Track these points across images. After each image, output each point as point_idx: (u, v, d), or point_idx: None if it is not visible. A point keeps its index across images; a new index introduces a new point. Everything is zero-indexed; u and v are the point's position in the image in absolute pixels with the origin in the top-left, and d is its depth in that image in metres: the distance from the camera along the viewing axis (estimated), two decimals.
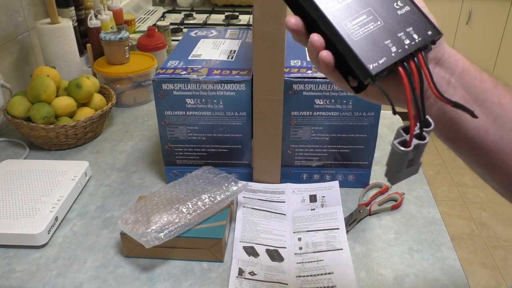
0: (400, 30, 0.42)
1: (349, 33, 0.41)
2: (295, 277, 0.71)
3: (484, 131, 0.44)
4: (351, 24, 0.41)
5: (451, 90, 0.44)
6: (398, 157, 0.42)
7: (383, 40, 0.41)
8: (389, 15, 0.42)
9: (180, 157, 0.90)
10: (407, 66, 0.41)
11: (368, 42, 0.41)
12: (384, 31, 0.41)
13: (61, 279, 0.72)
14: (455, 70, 0.44)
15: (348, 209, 0.86)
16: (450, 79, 0.44)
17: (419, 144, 0.42)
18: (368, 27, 0.42)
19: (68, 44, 1.21)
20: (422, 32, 0.42)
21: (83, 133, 1.05)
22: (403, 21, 0.42)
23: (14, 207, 0.81)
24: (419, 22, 0.42)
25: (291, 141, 0.87)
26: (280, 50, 0.77)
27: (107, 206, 0.88)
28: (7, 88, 1.14)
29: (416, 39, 0.41)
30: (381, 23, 0.42)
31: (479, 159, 0.47)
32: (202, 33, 1.05)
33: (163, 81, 0.82)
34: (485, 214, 2.32)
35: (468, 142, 0.46)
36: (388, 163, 0.43)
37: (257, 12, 0.75)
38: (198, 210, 0.75)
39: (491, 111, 0.44)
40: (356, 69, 0.41)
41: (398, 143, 0.42)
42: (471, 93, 0.44)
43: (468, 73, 0.44)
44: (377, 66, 0.40)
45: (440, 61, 0.44)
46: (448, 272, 0.73)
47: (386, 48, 0.41)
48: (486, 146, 0.45)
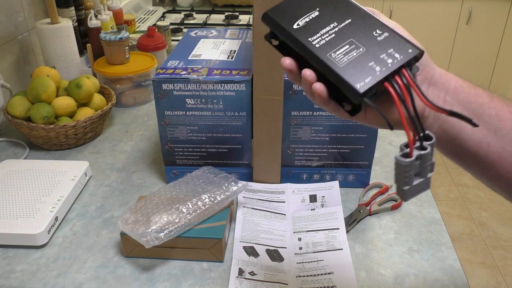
0: (381, 52, 0.44)
1: (335, 62, 0.45)
2: (295, 277, 0.71)
3: (486, 144, 0.45)
4: (335, 54, 0.45)
5: (448, 107, 0.45)
6: (402, 169, 0.43)
7: (367, 62, 0.44)
8: (369, 41, 0.45)
9: (180, 157, 0.90)
10: (393, 82, 0.43)
11: (354, 67, 0.44)
12: (367, 55, 0.45)
13: (61, 279, 0.72)
14: (448, 88, 0.46)
15: (348, 209, 0.86)
16: (445, 97, 0.46)
17: (421, 154, 0.42)
18: (351, 54, 0.45)
19: (68, 44, 1.21)
20: (403, 51, 0.44)
21: (83, 133, 1.05)
22: (384, 44, 0.45)
23: (14, 207, 0.81)
24: (399, 43, 0.45)
25: (291, 141, 0.87)
26: None
27: (107, 206, 0.88)
28: (7, 88, 1.14)
29: (398, 57, 0.44)
30: (363, 49, 0.45)
31: (486, 171, 0.47)
32: (202, 33, 1.05)
33: (163, 81, 0.82)
34: (485, 214, 2.32)
35: (472, 156, 0.46)
36: (396, 179, 0.44)
37: (257, 12, 0.75)
38: (198, 210, 0.75)
39: (490, 123, 0.45)
40: (346, 91, 0.44)
41: (401, 156, 0.43)
42: (468, 108, 0.45)
43: (462, 90, 0.46)
44: (364, 85, 0.43)
45: (432, 81, 0.46)
46: (448, 272, 0.73)
47: (370, 69, 0.44)
48: (490, 159, 0.46)
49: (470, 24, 2.80)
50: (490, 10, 2.74)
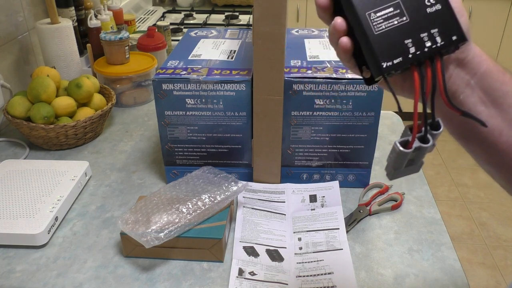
0: (424, 30, 0.40)
1: (371, 26, 0.40)
2: (295, 277, 0.71)
3: (498, 132, 0.44)
4: (375, 16, 0.40)
5: (469, 91, 0.44)
6: (397, 156, 0.42)
7: (404, 38, 0.40)
8: (417, 11, 0.40)
9: (180, 157, 0.90)
10: (422, 70, 0.40)
11: (388, 38, 0.40)
12: (407, 29, 0.40)
13: (61, 279, 0.72)
14: (477, 72, 0.44)
15: (348, 209, 0.86)
16: (470, 80, 0.44)
17: (420, 146, 0.41)
18: (392, 22, 0.40)
19: (68, 44, 1.21)
20: (447, 36, 0.40)
21: (83, 133, 1.05)
22: (430, 20, 0.40)
23: (14, 207, 0.81)
24: (446, 24, 0.40)
25: (291, 141, 0.87)
26: (280, 50, 0.77)
27: (107, 206, 0.88)
28: (7, 88, 1.14)
29: (438, 42, 0.40)
30: (406, 19, 0.40)
31: (491, 158, 0.47)
32: (202, 33, 1.05)
33: (163, 81, 0.82)
34: (485, 214, 2.32)
35: (481, 142, 0.46)
36: (388, 159, 0.43)
37: (257, 12, 0.75)
38: (198, 210, 0.75)
39: (508, 113, 0.44)
40: (369, 63, 0.41)
41: (399, 143, 0.41)
42: (489, 95, 0.44)
43: (490, 75, 0.44)
44: (391, 66, 0.40)
45: (463, 62, 0.44)
46: (448, 272, 0.73)
47: (405, 47, 0.40)
48: (499, 147, 0.45)
49: (470, 24, 2.80)
50: (490, 10, 2.74)
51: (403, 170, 0.43)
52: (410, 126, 0.42)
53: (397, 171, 0.43)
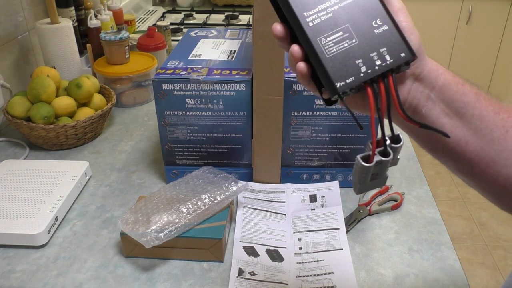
0: (373, 50, 0.42)
1: (323, 50, 0.42)
2: (295, 277, 0.71)
3: (464, 142, 0.45)
4: (326, 40, 0.42)
5: (430, 104, 0.45)
6: (360, 170, 0.43)
7: (355, 59, 0.42)
8: (365, 33, 0.42)
9: (180, 157, 0.90)
10: (375, 86, 0.42)
11: (340, 60, 0.42)
12: (357, 50, 0.42)
13: (61, 279, 0.72)
14: (435, 85, 0.45)
15: (348, 209, 0.86)
16: (430, 94, 0.45)
17: (381, 160, 0.43)
18: (342, 45, 0.42)
19: (68, 44, 1.21)
20: (395, 54, 0.42)
21: (83, 133, 1.05)
22: (378, 40, 0.42)
23: (14, 207, 0.81)
24: (394, 43, 0.42)
25: (291, 141, 0.87)
26: (280, 50, 0.77)
27: (107, 206, 0.88)
28: (7, 88, 1.14)
29: (387, 60, 0.42)
30: (355, 41, 0.42)
31: (462, 168, 0.47)
32: (202, 33, 1.05)
33: (163, 81, 0.82)
34: (485, 214, 2.32)
35: (449, 152, 0.46)
36: (353, 174, 0.45)
37: (257, 12, 0.75)
38: (198, 210, 0.75)
39: (471, 123, 0.45)
40: (325, 85, 0.43)
41: (361, 158, 0.43)
42: (451, 106, 0.45)
43: (449, 87, 0.45)
44: (344, 85, 0.42)
45: (419, 77, 0.45)
46: (448, 272, 0.73)
47: (356, 67, 0.42)
48: (467, 157, 0.46)
49: (470, 24, 2.80)
50: (490, 10, 2.74)
51: (369, 184, 0.45)
52: (371, 142, 0.43)
53: (362, 185, 0.45)
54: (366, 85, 0.42)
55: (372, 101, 0.42)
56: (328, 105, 0.47)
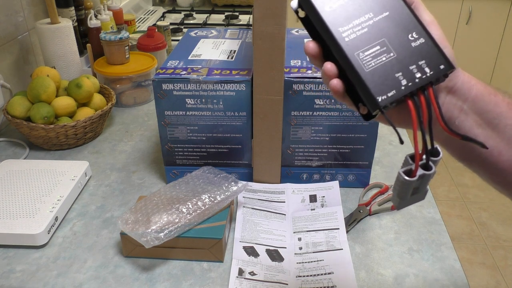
0: (412, 63, 0.42)
1: (361, 64, 0.42)
2: (295, 277, 0.71)
3: (497, 152, 0.45)
4: (363, 55, 0.42)
5: (463, 116, 0.45)
6: (402, 185, 0.42)
7: (394, 72, 0.42)
8: (402, 47, 0.42)
9: (180, 157, 0.90)
10: (416, 99, 0.42)
11: (379, 74, 0.42)
12: (396, 63, 0.42)
13: (61, 279, 0.72)
14: (468, 97, 0.45)
15: (348, 209, 0.86)
16: (463, 106, 0.45)
17: (424, 174, 0.42)
18: (380, 59, 0.42)
19: (68, 44, 1.21)
20: (434, 66, 0.42)
21: (83, 133, 1.05)
22: (416, 53, 0.42)
23: (14, 207, 0.81)
24: (432, 55, 0.42)
25: (291, 141, 0.87)
26: (280, 50, 0.77)
27: (107, 206, 0.88)
28: (7, 88, 1.14)
29: (427, 72, 0.41)
30: (393, 55, 0.42)
31: (494, 177, 0.47)
32: (202, 33, 1.05)
33: (163, 81, 0.82)
34: (485, 214, 2.32)
35: (482, 162, 0.46)
36: (394, 188, 0.44)
37: (257, 12, 0.75)
38: (198, 210, 0.75)
39: (504, 133, 0.45)
40: (365, 100, 0.42)
41: (403, 172, 0.42)
42: (484, 117, 0.45)
43: (481, 98, 0.45)
44: (386, 99, 0.41)
45: (453, 90, 0.45)
46: (448, 272, 0.73)
47: (396, 81, 0.41)
48: (500, 166, 0.46)
49: (470, 24, 2.80)
50: (490, 10, 2.74)
51: (409, 199, 0.44)
52: (411, 155, 0.43)
53: (403, 200, 0.44)
54: (406, 98, 0.42)
55: (414, 114, 0.41)
56: (366, 120, 0.46)
